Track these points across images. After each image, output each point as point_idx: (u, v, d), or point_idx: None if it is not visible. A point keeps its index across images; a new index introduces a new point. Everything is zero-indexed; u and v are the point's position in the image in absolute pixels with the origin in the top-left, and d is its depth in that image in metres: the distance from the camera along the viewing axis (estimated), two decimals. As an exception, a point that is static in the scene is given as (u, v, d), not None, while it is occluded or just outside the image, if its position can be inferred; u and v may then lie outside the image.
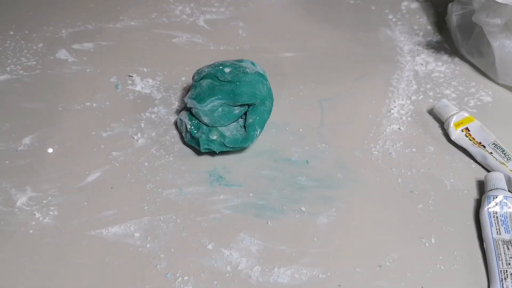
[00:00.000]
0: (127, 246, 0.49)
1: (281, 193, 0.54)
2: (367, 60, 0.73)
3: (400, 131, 0.62)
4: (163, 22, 0.78)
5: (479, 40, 0.67)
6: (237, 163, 0.57)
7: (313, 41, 0.76)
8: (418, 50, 0.74)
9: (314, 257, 0.49)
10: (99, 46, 0.73)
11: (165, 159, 0.57)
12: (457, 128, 0.60)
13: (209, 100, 0.55)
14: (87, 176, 0.55)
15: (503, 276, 0.46)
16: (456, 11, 0.72)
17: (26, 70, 0.68)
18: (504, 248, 0.48)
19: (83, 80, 0.67)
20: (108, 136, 0.60)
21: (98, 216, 0.51)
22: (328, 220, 0.52)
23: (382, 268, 0.48)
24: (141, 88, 0.66)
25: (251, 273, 0.47)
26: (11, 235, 0.50)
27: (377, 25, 0.79)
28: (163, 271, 0.47)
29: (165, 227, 0.51)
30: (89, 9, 0.80)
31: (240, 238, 0.50)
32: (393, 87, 0.68)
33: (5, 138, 0.59)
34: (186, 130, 0.57)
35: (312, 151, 0.59)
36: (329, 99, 0.66)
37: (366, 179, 0.56)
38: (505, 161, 0.56)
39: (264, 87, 0.57)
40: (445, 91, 0.67)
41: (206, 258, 0.48)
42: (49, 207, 0.52)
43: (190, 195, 0.54)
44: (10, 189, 0.53)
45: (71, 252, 0.48)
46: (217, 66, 0.57)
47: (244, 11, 0.81)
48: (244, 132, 0.56)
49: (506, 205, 0.50)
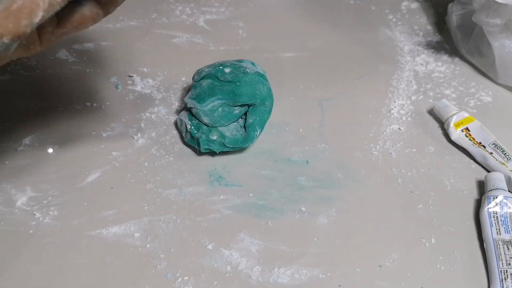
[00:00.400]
0: (127, 246, 0.49)
1: (281, 193, 0.54)
2: (367, 60, 0.73)
3: (400, 131, 0.62)
4: (163, 22, 0.78)
5: (479, 40, 0.67)
6: (237, 163, 0.57)
7: (313, 41, 0.76)
8: (418, 50, 0.74)
9: (314, 257, 0.49)
10: (99, 46, 0.73)
11: (165, 159, 0.57)
12: (457, 128, 0.60)
13: (209, 100, 0.55)
14: (87, 176, 0.55)
15: (503, 276, 0.46)
16: (456, 11, 0.72)
17: (26, 70, 0.68)
18: (504, 248, 0.48)
19: (83, 80, 0.67)
20: (108, 136, 0.60)
21: (98, 216, 0.51)
22: (328, 220, 0.52)
23: (382, 268, 0.48)
24: (141, 88, 0.66)
25: (251, 273, 0.47)
26: (11, 235, 0.49)
27: (377, 25, 0.79)
28: (163, 271, 0.47)
29: (165, 227, 0.51)
30: (89, 9, 0.80)
31: (240, 238, 0.50)
32: (393, 87, 0.68)
33: (5, 138, 0.59)
34: (186, 130, 0.57)
35: (312, 151, 0.59)
36: (329, 99, 0.66)
37: (366, 179, 0.56)
38: (505, 161, 0.56)
39: (264, 87, 0.57)
40: (445, 91, 0.67)
41: (206, 258, 0.48)
42: (49, 207, 0.52)
43: (190, 195, 0.54)
44: (10, 189, 0.53)
45: (71, 252, 0.48)
46: (217, 66, 0.57)
47: (244, 11, 0.81)
48: (244, 132, 0.56)
49: (506, 205, 0.50)
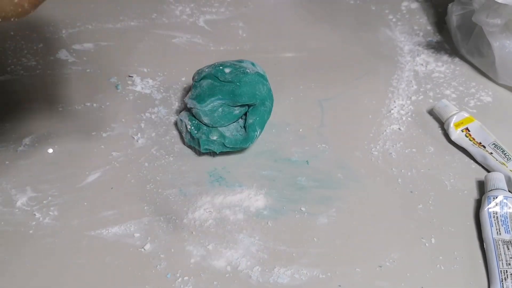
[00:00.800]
0: (127, 246, 0.49)
1: (281, 193, 0.54)
2: (367, 60, 0.73)
3: (400, 131, 0.62)
4: (163, 22, 0.78)
5: (479, 40, 0.67)
6: (237, 164, 0.57)
7: (313, 41, 0.76)
8: (418, 50, 0.74)
9: (314, 257, 0.49)
10: (99, 46, 0.73)
11: (165, 159, 0.57)
12: (457, 128, 0.60)
13: (209, 100, 0.55)
14: (87, 176, 0.55)
15: (503, 276, 0.46)
16: (456, 11, 0.72)
17: (26, 71, 0.68)
18: (504, 248, 0.48)
19: (83, 81, 0.67)
20: (108, 136, 0.60)
21: (98, 216, 0.51)
22: (328, 220, 0.52)
23: (382, 268, 0.48)
24: (141, 89, 0.66)
25: (251, 273, 0.47)
26: (11, 235, 0.49)
27: (377, 25, 0.79)
28: (163, 271, 0.47)
29: (165, 227, 0.51)
30: (89, 9, 0.80)
31: (240, 238, 0.50)
32: (393, 87, 0.68)
33: (5, 138, 0.59)
34: (186, 130, 0.57)
35: (312, 151, 0.59)
36: (329, 99, 0.66)
37: (366, 179, 0.56)
38: (505, 161, 0.56)
39: (264, 87, 0.57)
40: (445, 91, 0.67)
41: (206, 258, 0.48)
42: (49, 207, 0.52)
43: (190, 195, 0.54)
44: (10, 190, 0.53)
45: (71, 252, 0.48)
46: (217, 67, 0.57)
47: (244, 11, 0.81)
48: (244, 132, 0.56)
49: (506, 205, 0.50)
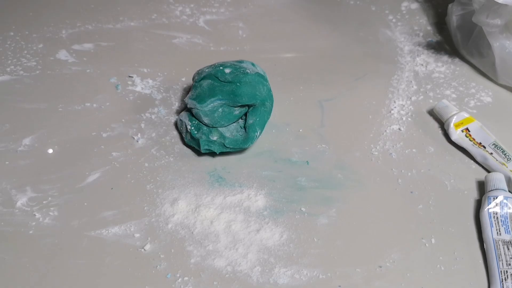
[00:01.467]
0: (127, 247, 0.49)
1: (281, 194, 0.54)
2: (367, 60, 0.73)
3: (400, 131, 0.62)
4: (163, 22, 0.78)
5: (479, 40, 0.67)
6: (237, 164, 0.57)
7: (313, 42, 0.76)
8: (418, 50, 0.74)
9: (314, 258, 0.49)
10: (99, 47, 0.73)
11: (165, 159, 0.57)
12: (457, 129, 0.60)
13: (209, 100, 0.55)
14: (87, 176, 0.55)
15: (503, 276, 0.46)
16: (456, 12, 0.72)
17: (26, 71, 0.68)
18: (504, 248, 0.48)
19: (83, 81, 0.67)
20: (108, 136, 0.60)
21: (98, 216, 0.51)
22: (328, 221, 0.52)
23: (382, 268, 0.48)
24: (141, 89, 0.66)
25: (251, 273, 0.47)
26: (11, 235, 0.49)
27: (377, 26, 0.79)
28: (163, 272, 0.47)
29: (165, 227, 0.51)
30: (89, 9, 0.80)
31: (240, 238, 0.50)
32: (393, 88, 0.68)
33: (5, 139, 0.59)
34: (186, 130, 0.57)
35: (312, 151, 0.59)
36: (329, 100, 0.66)
37: (366, 180, 0.56)
38: (505, 161, 0.56)
39: (264, 88, 0.57)
40: (445, 91, 0.67)
41: (206, 258, 0.48)
42: (49, 208, 0.52)
43: (190, 195, 0.54)
44: (10, 190, 0.53)
45: (71, 253, 0.48)
46: (218, 67, 0.57)
47: (244, 12, 0.81)
48: (244, 133, 0.56)
49: (506, 205, 0.50)
